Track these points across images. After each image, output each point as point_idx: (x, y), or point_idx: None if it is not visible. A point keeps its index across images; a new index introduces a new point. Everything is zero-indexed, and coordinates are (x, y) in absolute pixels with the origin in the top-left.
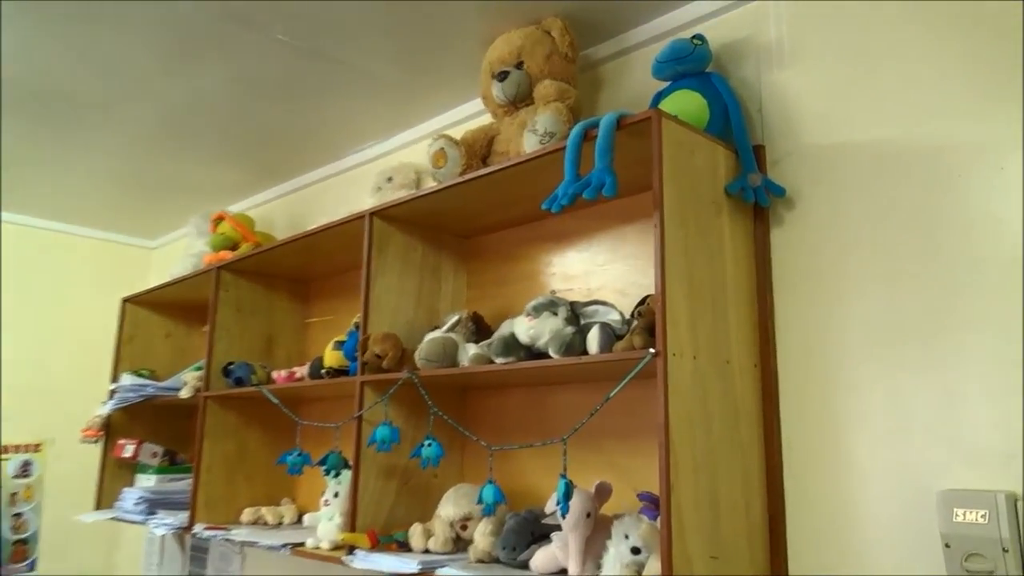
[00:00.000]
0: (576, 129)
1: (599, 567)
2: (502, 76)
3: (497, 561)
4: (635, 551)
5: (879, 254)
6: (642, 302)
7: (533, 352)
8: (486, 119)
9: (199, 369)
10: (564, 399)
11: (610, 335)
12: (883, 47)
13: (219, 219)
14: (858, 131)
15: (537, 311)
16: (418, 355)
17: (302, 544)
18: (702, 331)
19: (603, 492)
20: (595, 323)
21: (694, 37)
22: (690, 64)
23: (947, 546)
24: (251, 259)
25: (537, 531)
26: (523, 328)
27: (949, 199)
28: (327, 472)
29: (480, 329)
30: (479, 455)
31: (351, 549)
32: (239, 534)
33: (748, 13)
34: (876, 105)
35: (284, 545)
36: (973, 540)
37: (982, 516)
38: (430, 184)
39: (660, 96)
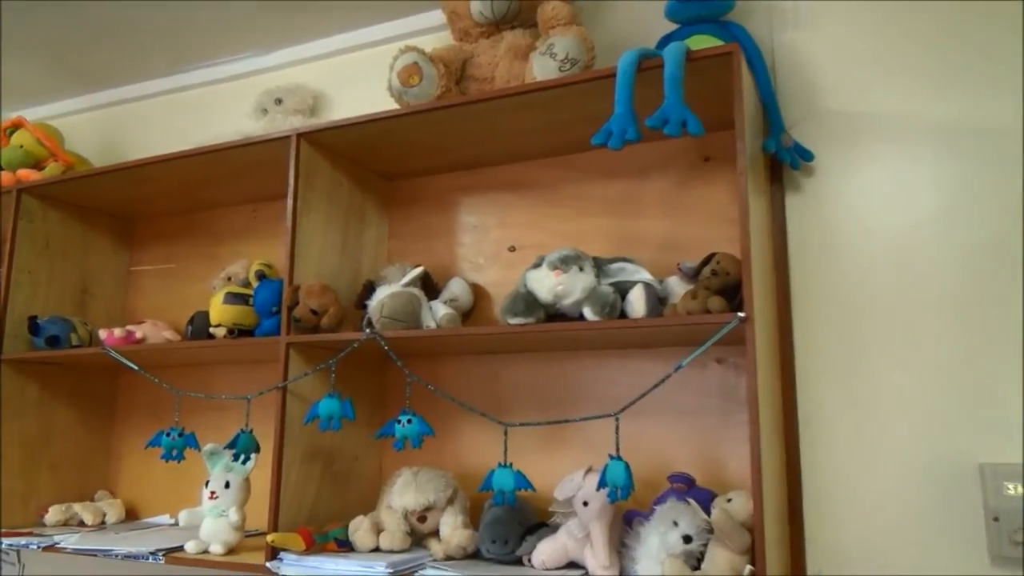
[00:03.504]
0: (630, 57)
1: (621, 558)
2: None
3: (475, 556)
4: (687, 539)
5: (898, 231)
6: (706, 260)
7: (551, 313)
8: (421, 41)
9: None
10: (518, 370)
11: (654, 296)
12: (904, 19)
13: (14, 127)
14: (876, 101)
15: (566, 264)
16: (379, 312)
17: (179, 549)
18: (759, 296)
19: None
20: (629, 282)
21: None
22: (713, 8)
23: (995, 519)
24: (66, 184)
25: (524, 521)
26: (548, 284)
27: (966, 179)
28: (236, 457)
29: (426, 286)
30: None
31: (274, 552)
32: (69, 540)
33: None
34: (896, 77)
35: (155, 552)
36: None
37: None
38: (331, 112)
39: (670, 39)
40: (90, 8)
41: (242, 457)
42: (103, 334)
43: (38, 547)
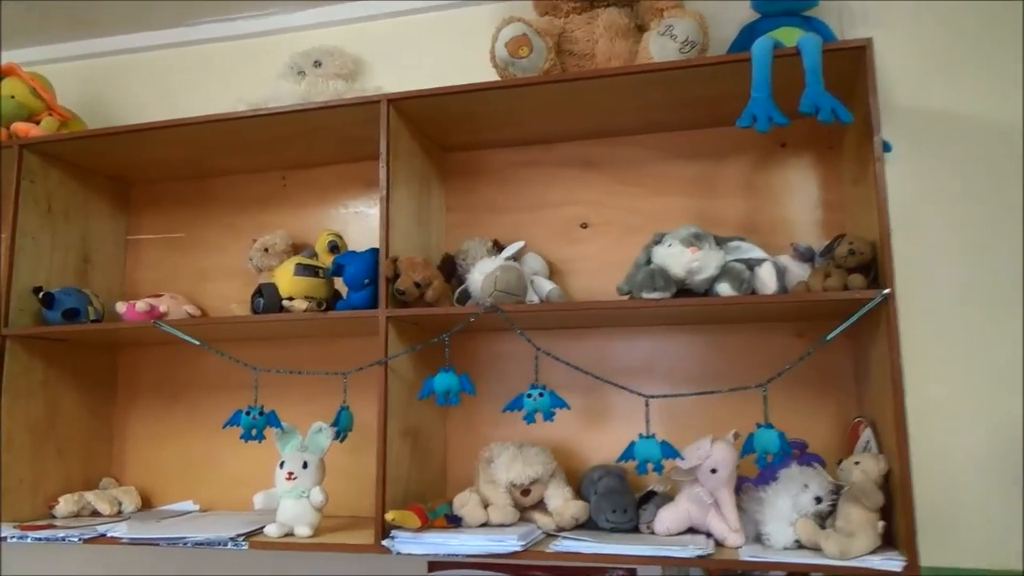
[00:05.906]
0: (767, 44)
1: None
2: None
3: (586, 527)
4: (818, 500)
5: (961, 219)
6: (834, 241)
7: (681, 288)
8: (466, 11)
9: None
10: (589, 344)
11: (781, 274)
12: (966, 22)
13: (2, 75)
14: (939, 99)
15: (699, 241)
16: (492, 286)
17: (258, 532)
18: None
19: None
20: (751, 259)
21: None
22: (800, 2)
23: None
24: (70, 142)
25: (633, 491)
26: (683, 260)
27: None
28: (337, 435)
29: None
30: (472, 411)
31: (386, 531)
32: (118, 530)
33: None
34: (957, 77)
35: (236, 538)
36: None
37: None
38: (370, 78)
39: (754, 29)
40: None
41: (342, 435)
42: (121, 307)
43: (79, 540)
